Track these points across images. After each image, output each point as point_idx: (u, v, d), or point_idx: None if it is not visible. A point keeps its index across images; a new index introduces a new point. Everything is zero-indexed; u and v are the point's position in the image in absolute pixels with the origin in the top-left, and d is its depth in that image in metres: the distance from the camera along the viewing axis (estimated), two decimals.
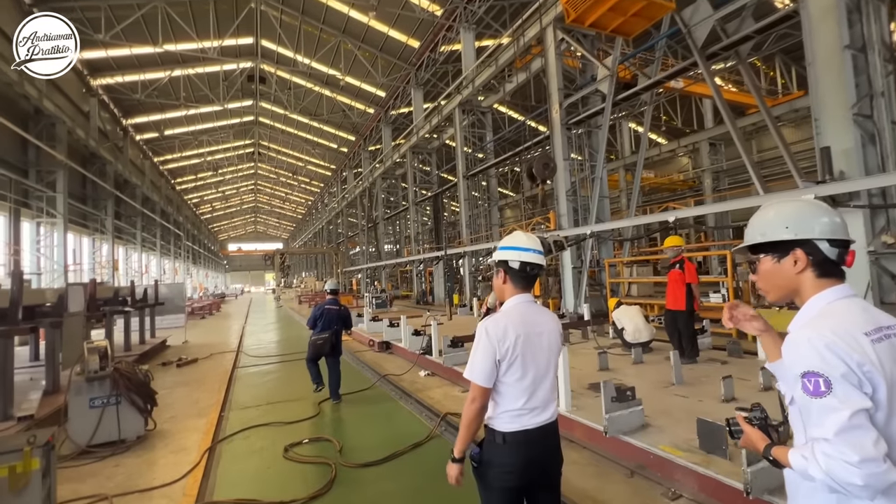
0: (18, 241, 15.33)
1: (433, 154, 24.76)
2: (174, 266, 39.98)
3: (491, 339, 1.62)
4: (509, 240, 1.79)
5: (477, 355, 1.64)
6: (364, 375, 7.09)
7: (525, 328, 1.66)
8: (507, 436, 1.63)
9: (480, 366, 1.62)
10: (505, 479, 1.63)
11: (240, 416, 5.21)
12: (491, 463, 1.64)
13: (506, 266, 1.74)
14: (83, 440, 4.18)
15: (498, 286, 1.79)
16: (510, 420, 1.64)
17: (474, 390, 1.63)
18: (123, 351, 9.11)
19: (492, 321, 1.66)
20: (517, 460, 1.62)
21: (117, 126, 26.74)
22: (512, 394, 1.64)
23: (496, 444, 1.65)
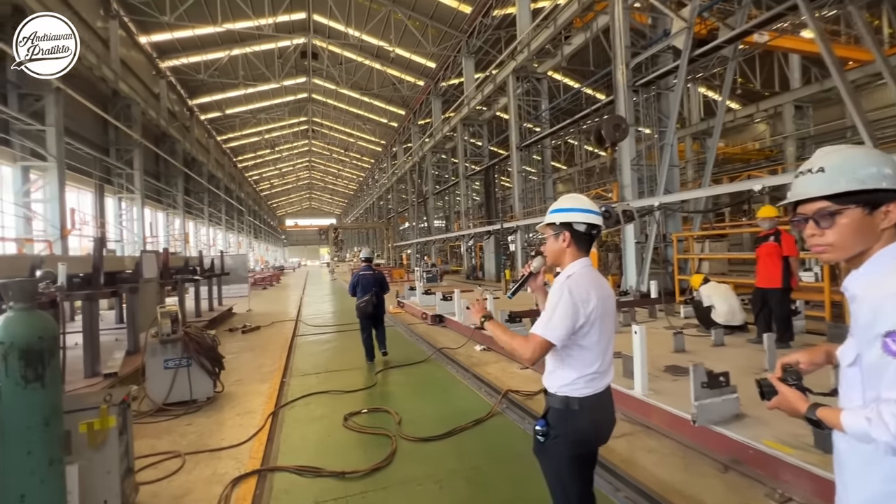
0: (103, 215, 16.70)
1: (484, 126, 24.06)
2: (238, 240, 42.48)
3: (575, 300, 1.58)
4: (570, 201, 1.74)
5: (557, 314, 1.58)
6: (419, 348, 7.04)
7: (600, 291, 1.65)
8: (582, 401, 1.62)
9: (561, 324, 1.57)
10: (581, 446, 1.63)
11: (300, 382, 5.31)
12: (565, 433, 1.62)
13: (570, 228, 1.69)
14: (159, 398, 4.40)
15: (558, 249, 1.73)
16: (585, 385, 1.63)
17: (541, 345, 1.58)
18: (194, 317, 9.71)
19: (574, 282, 1.62)
20: (592, 425, 1.64)
21: (184, 107, 28.22)
22: (588, 358, 1.63)
23: (572, 412, 1.62)
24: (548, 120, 17.50)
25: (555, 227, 1.72)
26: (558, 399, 1.65)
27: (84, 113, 15.77)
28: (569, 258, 1.71)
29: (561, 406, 1.64)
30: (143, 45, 21.75)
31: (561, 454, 1.63)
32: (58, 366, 1.98)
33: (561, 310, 1.58)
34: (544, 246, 1.80)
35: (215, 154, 35.27)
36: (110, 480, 2.42)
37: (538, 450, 1.70)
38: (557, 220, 1.71)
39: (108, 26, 17.77)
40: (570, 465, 1.63)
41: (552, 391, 1.68)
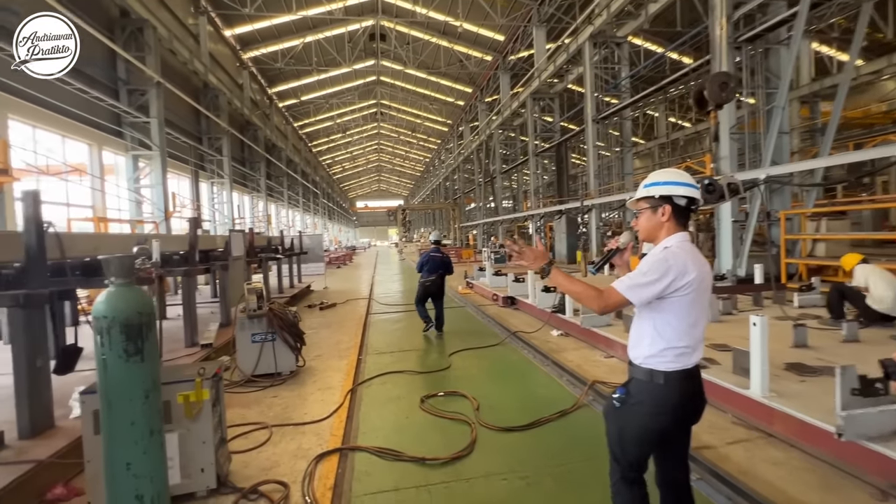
0: (199, 198, 18.30)
1: (556, 100, 22.83)
2: (313, 221, 44.96)
3: (670, 268, 1.54)
4: (669, 174, 1.69)
5: (647, 277, 1.55)
6: (491, 330, 6.85)
7: (699, 266, 1.59)
8: (668, 375, 1.59)
9: (648, 287, 1.55)
10: (657, 421, 1.61)
11: (375, 360, 5.36)
12: (644, 402, 1.62)
13: (670, 202, 1.65)
14: (248, 370, 4.64)
15: (655, 224, 1.68)
16: (673, 359, 1.59)
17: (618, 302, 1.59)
18: (277, 293, 10.33)
19: (671, 253, 1.58)
20: (674, 400, 1.60)
21: (264, 95, 29.94)
22: (679, 331, 1.59)
23: (654, 385, 1.60)
24: (628, 89, 16.10)
25: (653, 201, 1.68)
26: (642, 370, 1.63)
27: (181, 105, 17.21)
28: (665, 233, 1.67)
29: (644, 378, 1.62)
30: (227, 39, 23.20)
31: (635, 421, 1.64)
32: (155, 340, 2.02)
33: (653, 274, 1.55)
34: (635, 221, 1.75)
35: (293, 140, 37.27)
36: (206, 450, 2.50)
37: (609, 412, 1.71)
38: (657, 192, 1.67)
39: (197, 22, 19.11)
40: (640, 433, 1.64)
41: (636, 362, 1.66)
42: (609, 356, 4.97)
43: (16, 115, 9.44)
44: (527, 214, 22.34)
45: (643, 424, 1.63)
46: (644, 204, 1.70)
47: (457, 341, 6.18)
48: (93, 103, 11.73)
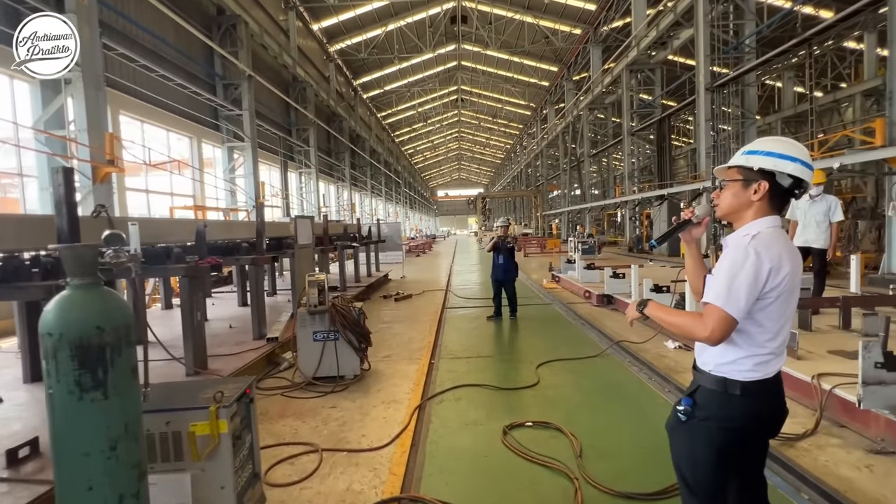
0: (286, 188, 19.13)
1: (656, 71, 20.22)
2: (395, 209, 45.96)
3: (762, 265, 1.28)
4: (781, 145, 1.35)
5: (740, 280, 1.28)
6: (586, 335, 5.79)
7: (793, 259, 1.33)
8: (746, 386, 1.34)
9: (745, 293, 1.27)
10: (734, 438, 1.36)
11: (449, 367, 4.64)
12: (718, 418, 1.36)
13: (771, 178, 1.34)
14: (309, 371, 4.17)
15: (743, 201, 1.38)
16: (754, 367, 1.34)
17: (723, 320, 1.28)
18: (354, 282, 10.14)
19: (762, 243, 1.30)
20: (755, 415, 1.36)
21: (349, 87, 30.74)
22: (763, 335, 1.34)
23: (730, 397, 1.35)
24: (753, 49, 13.47)
25: (748, 174, 1.36)
26: (713, 379, 1.38)
27: (271, 98, 18.01)
28: (753, 215, 1.38)
29: (716, 387, 1.37)
30: (315, 33, 23.94)
31: (706, 441, 1.37)
32: (132, 367, 1.42)
33: (745, 275, 1.28)
34: (717, 192, 1.45)
35: (376, 130, 38.11)
36: (224, 497, 1.93)
37: (674, 427, 1.45)
38: (757, 164, 1.35)
39: (287, 17, 19.81)
40: (714, 456, 1.36)
41: (706, 369, 1.41)
42: None
43: (127, 111, 10.21)
44: (619, 201, 20.21)
45: (716, 442, 1.37)
46: (736, 174, 1.40)
47: (545, 348, 5.24)
48: (193, 98, 12.47)
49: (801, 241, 5.26)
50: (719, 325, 1.29)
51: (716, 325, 1.29)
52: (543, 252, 21.24)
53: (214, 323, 6.19)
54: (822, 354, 3.73)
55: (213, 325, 6.05)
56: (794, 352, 3.64)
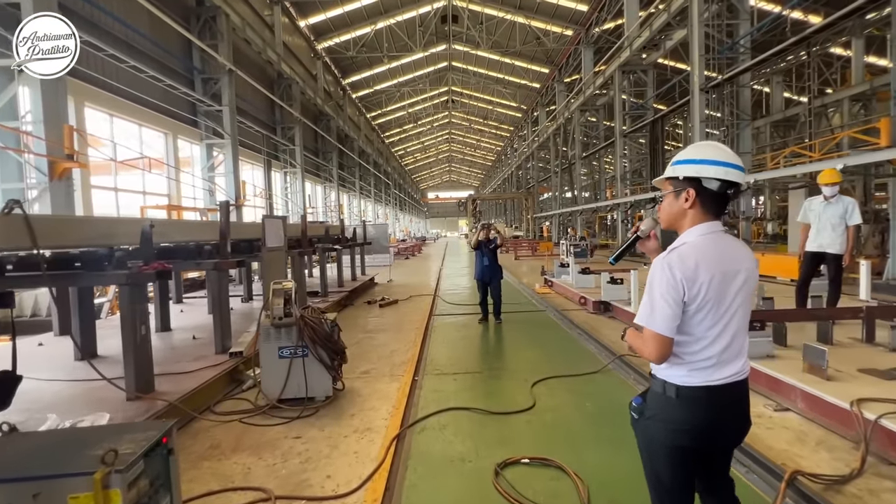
0: (270, 187, 18.48)
1: (648, 73, 20.02)
2: (385, 211, 45.35)
3: (676, 278, 1.31)
4: (703, 150, 1.38)
5: (656, 300, 1.33)
6: (584, 347, 5.34)
7: (721, 266, 1.34)
8: (681, 390, 1.37)
9: (663, 312, 1.32)
10: (674, 437, 1.39)
11: (435, 385, 4.15)
12: (656, 417, 1.42)
13: (698, 185, 1.37)
14: (274, 392, 3.65)
15: (677, 210, 1.41)
16: (689, 373, 1.37)
17: (655, 339, 1.34)
18: (337, 286, 9.59)
19: (677, 256, 1.34)
20: (692, 418, 1.37)
21: (338, 86, 30.13)
22: (696, 345, 1.36)
23: (667, 398, 1.40)
24: (748, 50, 13.24)
25: (676, 183, 1.41)
26: (658, 382, 1.43)
27: (256, 95, 17.39)
28: (690, 221, 1.40)
29: (658, 389, 1.43)
30: (302, 29, 23.33)
31: (654, 438, 1.43)
32: None
33: (660, 294, 1.33)
34: (659, 205, 1.50)
35: (365, 131, 37.50)
36: None
37: (633, 424, 1.53)
38: (681, 173, 1.39)
39: (272, 13, 19.21)
40: (665, 452, 1.42)
41: (653, 371, 1.46)
42: (782, 408, 3.28)
43: (94, 103, 9.56)
44: (612, 203, 19.92)
45: (665, 442, 1.40)
46: (668, 185, 1.43)
47: (540, 362, 4.78)
48: (168, 92, 11.83)
49: (815, 246, 4.88)
50: (654, 344, 1.34)
51: (651, 346, 1.34)
52: (535, 255, 20.87)
53: (178, 333, 5.63)
54: (853, 374, 3.32)
55: (176, 336, 5.49)
56: (822, 371, 3.23)
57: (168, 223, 5.38)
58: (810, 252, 4.93)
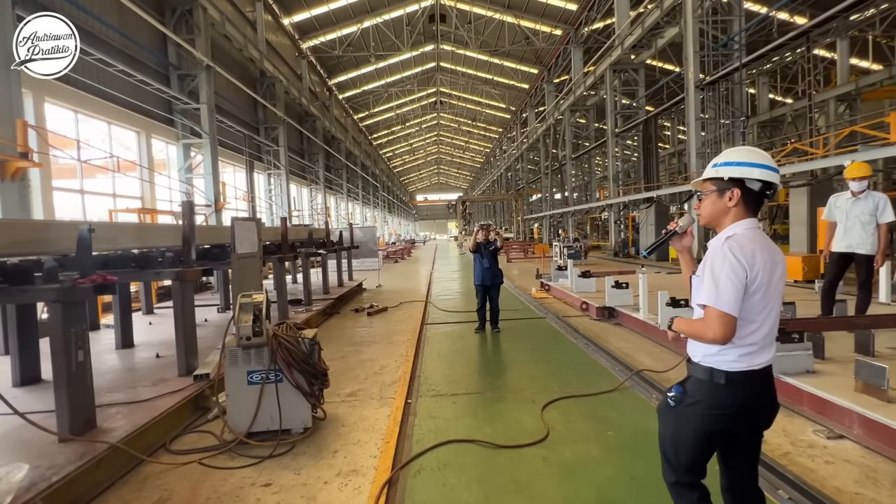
0: (252, 189, 17.76)
1: (639, 71, 19.82)
2: (373, 214, 44.65)
3: (739, 260, 1.40)
4: (744, 154, 1.51)
5: (722, 279, 1.39)
6: (594, 361, 4.86)
7: (768, 254, 1.45)
8: (730, 375, 1.44)
9: (730, 290, 1.38)
10: (717, 421, 1.46)
11: (430, 409, 3.63)
12: (701, 403, 1.47)
13: (741, 185, 1.48)
14: (242, 425, 3.10)
15: (720, 209, 1.52)
16: (738, 358, 1.44)
17: (720, 318, 1.38)
18: (322, 293, 9.01)
19: (736, 242, 1.43)
20: (738, 402, 1.45)
21: (324, 87, 29.47)
22: (746, 328, 1.43)
23: (714, 384, 1.46)
24: (742, 47, 13.02)
25: (720, 183, 1.51)
26: (701, 369, 1.50)
27: (238, 95, 16.70)
28: (731, 218, 1.51)
29: (704, 377, 1.49)
30: (286, 27, 22.67)
31: (690, 424, 1.49)
32: None
33: (726, 274, 1.40)
34: (697, 203, 1.61)
35: (353, 132, 36.84)
36: None
37: (664, 411, 1.59)
38: (727, 174, 1.50)
39: (254, 9, 18.54)
40: (696, 435, 1.49)
41: (696, 360, 1.53)
42: (836, 435, 2.83)
43: (55, 98, 8.85)
44: (605, 204, 19.63)
45: (700, 427, 1.48)
46: (710, 186, 1.53)
47: (548, 377, 4.30)
48: (141, 89, 11.14)
49: (843, 247, 4.49)
50: (720, 323, 1.38)
51: (717, 325, 1.38)
52: (528, 257, 20.47)
53: (141, 351, 5.02)
54: None
55: (138, 354, 4.87)
56: (882, 392, 2.79)
57: (119, 227, 4.77)
58: (837, 252, 4.54)
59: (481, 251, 6.15)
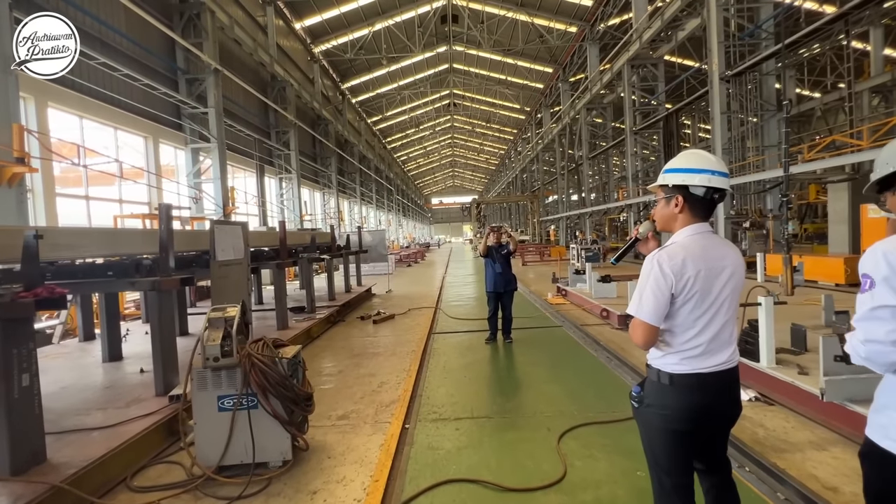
0: (263, 194, 17.64)
1: (659, 67, 19.07)
2: (387, 218, 44.49)
3: (665, 273, 1.43)
4: (688, 159, 1.53)
5: (646, 292, 1.46)
6: (617, 377, 4.34)
7: (706, 262, 1.47)
8: (674, 378, 1.49)
9: (650, 302, 1.44)
10: (669, 422, 1.50)
11: (431, 438, 3.18)
12: (653, 405, 1.52)
13: (685, 192, 1.50)
14: (212, 458, 2.71)
15: (668, 215, 1.55)
16: (680, 361, 1.48)
17: (642, 328, 1.47)
18: (328, 300, 8.67)
19: (666, 253, 1.46)
20: (684, 404, 1.48)
21: (337, 91, 29.42)
22: (684, 334, 1.48)
23: (661, 386, 1.51)
24: (771, 35, 12.27)
25: (666, 190, 1.54)
26: (652, 371, 1.55)
27: (248, 99, 16.61)
28: (680, 224, 1.54)
29: (654, 378, 1.54)
30: (298, 32, 22.63)
31: (651, 424, 1.54)
32: None
33: (650, 285, 1.45)
34: (654, 209, 1.63)
35: (366, 136, 36.76)
36: None
37: (634, 413, 1.62)
38: (670, 181, 1.52)
39: (265, 14, 18.49)
40: (661, 436, 1.53)
41: (648, 362, 1.58)
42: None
43: (58, 103, 8.74)
44: (624, 204, 18.89)
45: (661, 426, 1.51)
46: (661, 192, 1.56)
47: (565, 399, 3.81)
48: (148, 93, 11.03)
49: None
50: (640, 332, 1.47)
51: (638, 333, 1.47)
52: (543, 260, 19.87)
53: (129, 364, 4.73)
54: None
55: (123, 369, 4.57)
56: None
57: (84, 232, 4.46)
58: None
59: (493, 255, 5.68)
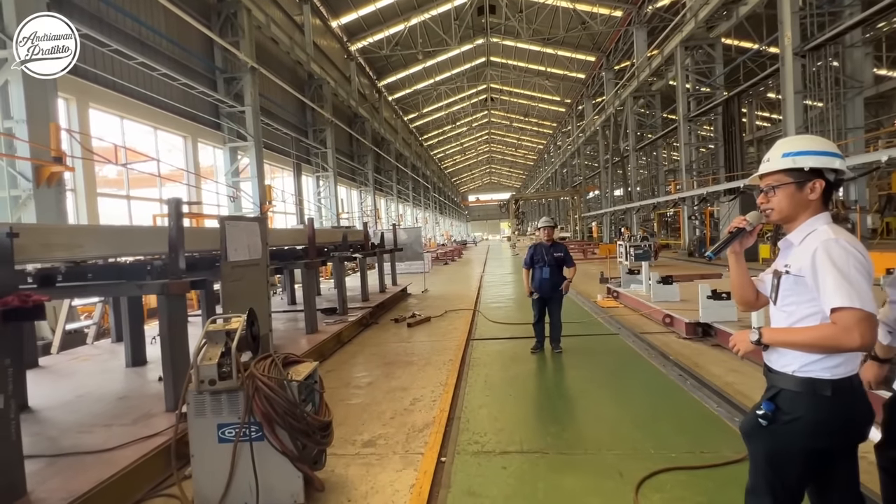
0: (300, 192, 17.67)
1: (716, 47, 17.50)
2: (424, 216, 44.29)
3: (866, 256, 1.25)
4: (818, 143, 1.36)
5: (853, 275, 1.21)
6: (697, 403, 3.59)
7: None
8: (836, 384, 1.27)
9: (864, 287, 1.20)
10: (821, 439, 1.29)
11: (471, 479, 2.61)
12: (802, 419, 1.28)
13: (823, 176, 1.33)
14: (213, 496, 2.27)
15: (800, 202, 1.36)
16: (843, 362, 1.28)
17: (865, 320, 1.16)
18: (361, 300, 8.29)
19: (845, 238, 1.27)
20: (845, 415, 1.28)
21: (373, 89, 29.38)
22: None
23: (818, 397, 1.27)
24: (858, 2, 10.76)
25: (799, 175, 1.35)
26: (799, 381, 1.30)
27: (285, 97, 16.66)
28: (810, 213, 1.36)
29: (802, 389, 1.29)
30: (335, 30, 22.63)
31: (791, 442, 1.30)
32: None
33: (856, 269, 1.22)
34: (763, 198, 1.42)
35: (403, 133, 36.62)
36: None
37: (752, 432, 1.39)
38: (807, 164, 1.33)
39: (302, 13, 18.50)
40: (799, 457, 1.30)
41: (788, 371, 1.32)
42: None
43: (99, 104, 8.84)
44: (677, 197, 17.52)
45: (802, 445, 1.29)
46: (786, 178, 1.36)
47: (634, 428, 3.13)
48: (187, 93, 11.10)
49: None
50: (866, 326, 1.18)
51: (863, 328, 1.18)
52: (587, 258, 18.82)
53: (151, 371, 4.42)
54: None
55: (144, 376, 4.29)
56: None
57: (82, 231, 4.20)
58: None
59: (542, 255, 4.94)
